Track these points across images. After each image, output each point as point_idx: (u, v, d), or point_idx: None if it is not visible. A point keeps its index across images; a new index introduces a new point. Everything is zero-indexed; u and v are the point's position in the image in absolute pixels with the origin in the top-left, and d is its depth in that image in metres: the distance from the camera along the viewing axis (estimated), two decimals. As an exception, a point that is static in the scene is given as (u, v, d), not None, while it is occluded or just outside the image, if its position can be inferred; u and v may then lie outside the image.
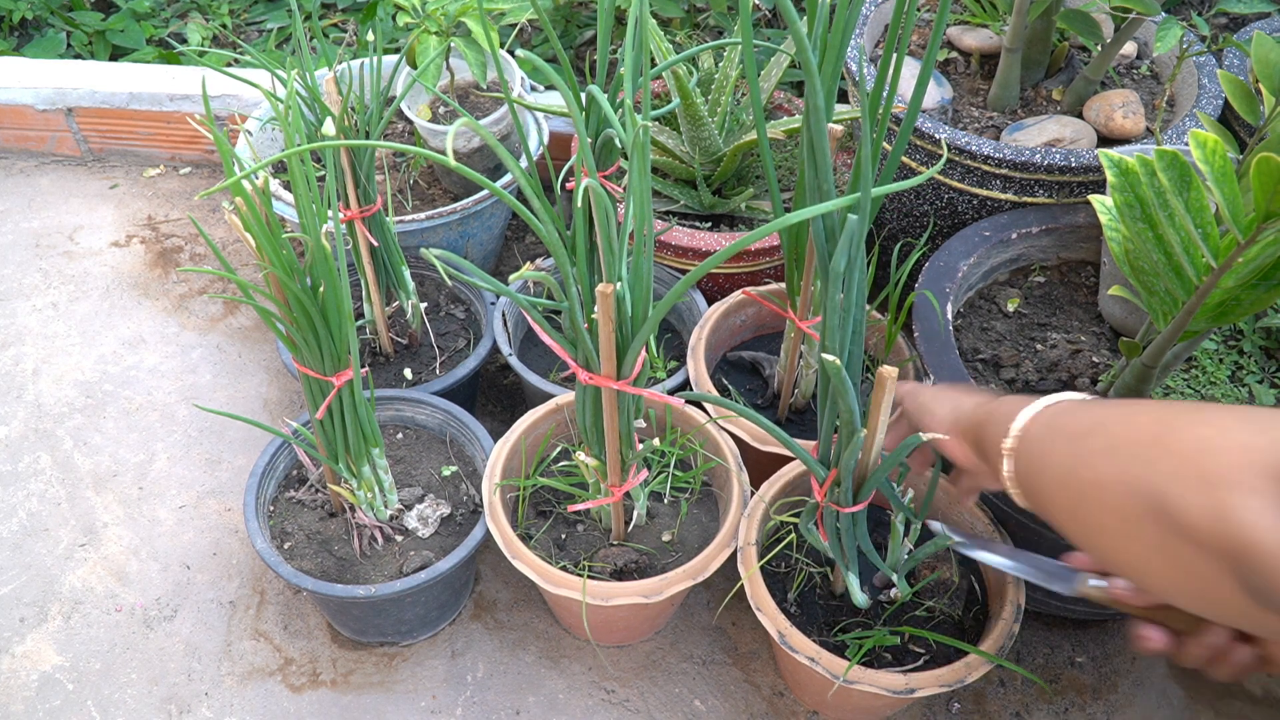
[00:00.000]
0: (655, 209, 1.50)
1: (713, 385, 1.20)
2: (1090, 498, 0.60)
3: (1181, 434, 0.54)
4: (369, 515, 1.13)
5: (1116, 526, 0.58)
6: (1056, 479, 0.64)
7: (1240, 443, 0.51)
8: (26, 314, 1.66)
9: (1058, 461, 0.65)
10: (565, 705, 1.17)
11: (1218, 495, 0.50)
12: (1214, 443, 0.52)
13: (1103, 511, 0.59)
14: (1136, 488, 0.55)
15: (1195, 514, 0.51)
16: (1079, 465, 0.61)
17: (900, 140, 0.91)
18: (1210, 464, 0.51)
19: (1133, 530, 0.56)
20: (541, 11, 0.97)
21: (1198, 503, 0.51)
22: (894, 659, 1.01)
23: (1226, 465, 0.50)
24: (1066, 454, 0.63)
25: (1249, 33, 1.44)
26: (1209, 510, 0.50)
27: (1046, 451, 0.67)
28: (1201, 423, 0.54)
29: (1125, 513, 0.56)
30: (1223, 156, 0.76)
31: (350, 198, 1.17)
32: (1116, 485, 0.57)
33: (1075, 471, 0.62)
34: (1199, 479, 0.51)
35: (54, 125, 1.94)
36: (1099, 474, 0.59)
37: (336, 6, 2.20)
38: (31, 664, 1.21)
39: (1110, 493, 0.58)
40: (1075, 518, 0.62)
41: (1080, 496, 0.61)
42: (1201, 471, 0.51)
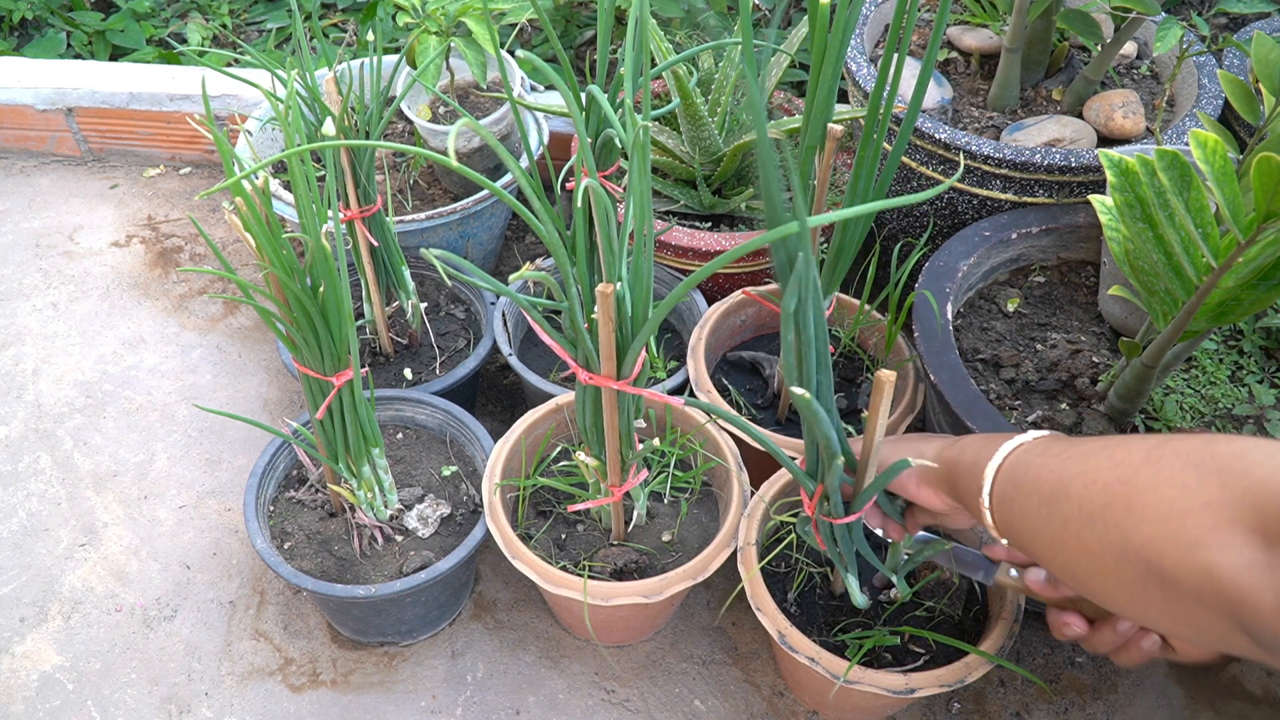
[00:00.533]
0: (655, 209, 1.50)
1: (712, 385, 1.20)
2: (1085, 565, 0.60)
3: (1147, 497, 0.55)
4: (369, 515, 1.13)
5: (1120, 591, 0.58)
6: (1044, 542, 0.65)
7: (1205, 502, 0.52)
8: (26, 314, 1.66)
9: (1039, 525, 0.65)
10: (565, 705, 1.17)
11: (1202, 558, 0.51)
12: (1181, 505, 0.53)
13: (1102, 578, 0.59)
14: (1124, 556, 0.56)
15: (1189, 577, 0.52)
16: (1060, 532, 0.62)
17: (900, 140, 0.91)
18: (1186, 530, 0.52)
19: (1136, 593, 0.57)
20: (541, 11, 0.97)
21: (1188, 567, 0.52)
22: (894, 659, 1.01)
23: (1200, 529, 0.51)
24: (1044, 519, 0.64)
25: (1249, 33, 1.44)
26: (1201, 572, 0.51)
27: (1024, 513, 0.67)
28: (1162, 482, 0.54)
29: (1123, 579, 0.57)
30: (1223, 156, 0.76)
31: (350, 198, 1.17)
32: (1105, 554, 0.58)
33: (1060, 537, 0.62)
34: (1180, 545, 0.52)
35: (54, 125, 1.94)
36: (1084, 543, 0.59)
37: (336, 6, 2.20)
38: (31, 664, 1.21)
39: (1103, 561, 0.58)
40: (1076, 578, 0.62)
41: (1075, 562, 0.61)
42: (1179, 538, 0.52)
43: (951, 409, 1.01)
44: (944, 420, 1.11)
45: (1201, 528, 0.51)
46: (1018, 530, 0.68)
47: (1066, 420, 1.07)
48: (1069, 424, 1.07)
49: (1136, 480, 0.56)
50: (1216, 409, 1.09)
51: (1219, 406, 1.10)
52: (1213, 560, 0.50)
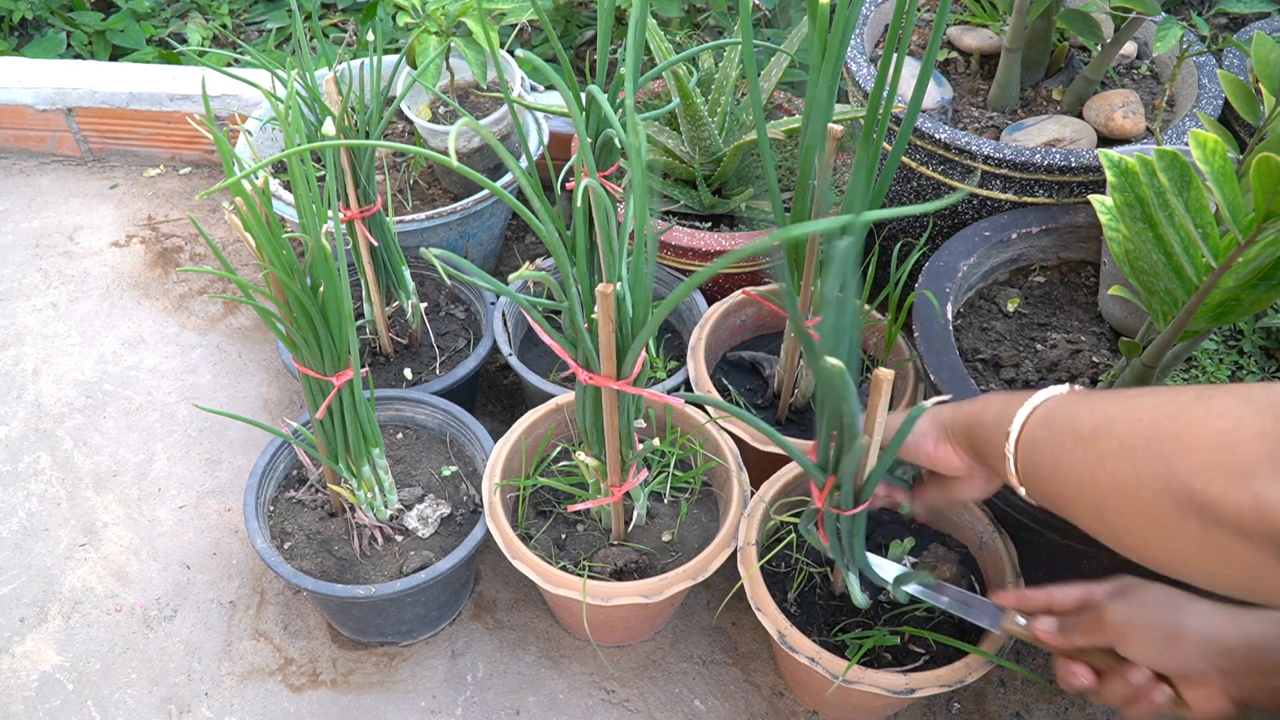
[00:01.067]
0: (655, 209, 1.50)
1: (712, 385, 1.20)
2: (1115, 502, 0.59)
3: (1198, 430, 0.54)
4: (369, 515, 1.13)
5: (1149, 527, 0.57)
6: (1073, 483, 0.64)
7: (1259, 432, 0.51)
8: (26, 314, 1.66)
9: (1070, 465, 0.64)
10: (565, 705, 1.17)
11: (1254, 486, 0.50)
12: (1234, 436, 0.52)
13: (1132, 514, 0.58)
14: (1165, 488, 0.55)
15: (1235, 507, 0.51)
16: (1095, 469, 0.61)
17: (900, 140, 0.91)
18: (1237, 458, 0.51)
19: (1169, 529, 0.56)
20: (541, 11, 0.97)
21: (1235, 496, 0.51)
22: (894, 659, 1.01)
23: (1254, 457, 0.50)
24: (1078, 458, 0.63)
25: (1249, 33, 1.44)
26: (1249, 501, 0.50)
27: (1055, 455, 0.66)
28: (1214, 415, 0.54)
29: (1157, 513, 0.56)
30: (1223, 156, 0.76)
31: (350, 198, 1.17)
32: (1143, 488, 0.57)
33: (1093, 476, 0.61)
34: (1231, 473, 0.51)
35: (54, 125, 1.94)
36: (1120, 478, 0.58)
37: (336, 6, 2.20)
38: (31, 664, 1.21)
39: (1137, 496, 0.57)
40: (1101, 519, 0.62)
41: (1103, 500, 0.60)
42: (1231, 466, 0.51)
43: (951, 409, 1.01)
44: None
45: (1254, 457, 0.50)
46: (1045, 474, 0.67)
47: (1066, 420, 1.07)
48: (1069, 424, 1.07)
49: (1187, 415, 0.55)
50: (1216, 409, 1.09)
51: (1219, 406, 1.09)
52: (1263, 489, 0.50)
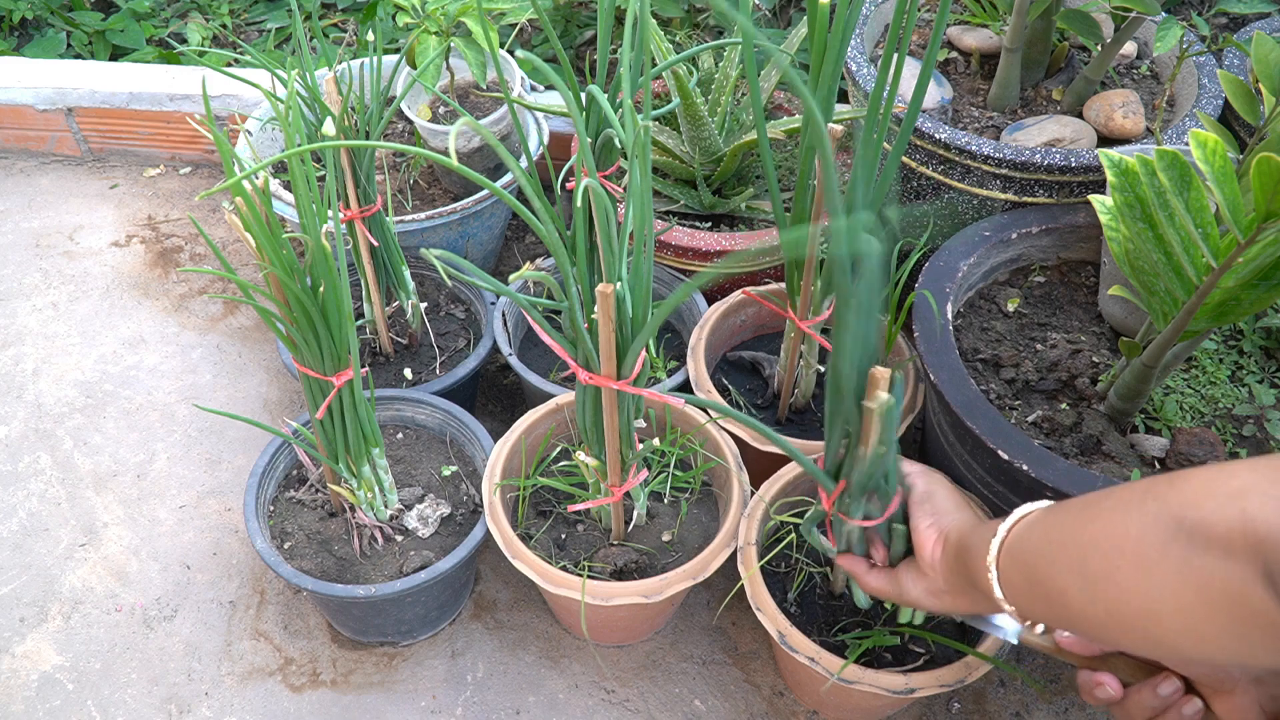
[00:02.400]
0: (655, 209, 1.50)
1: (712, 385, 1.20)
2: (1100, 552, 0.59)
3: (1191, 474, 0.56)
4: (369, 515, 1.13)
5: (1131, 568, 0.57)
6: (1058, 548, 0.63)
7: (1253, 466, 0.53)
8: (26, 314, 1.66)
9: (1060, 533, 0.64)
10: (565, 705, 1.17)
11: (1242, 503, 0.51)
12: (1229, 471, 0.53)
13: (1116, 559, 0.58)
14: (1154, 524, 0.55)
15: (1221, 523, 0.52)
16: (1086, 525, 0.61)
17: (900, 140, 0.91)
18: (1230, 485, 0.53)
19: (1152, 563, 0.56)
20: (541, 11, 0.97)
21: (1223, 513, 0.52)
22: (894, 659, 1.01)
23: (1245, 483, 0.52)
24: (1071, 522, 0.63)
25: (1249, 33, 1.44)
26: (1236, 515, 0.51)
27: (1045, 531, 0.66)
28: (1207, 467, 0.56)
29: (1142, 553, 0.56)
30: (1223, 156, 0.76)
31: (350, 198, 1.17)
32: (1131, 529, 0.57)
33: (1082, 532, 0.61)
34: (1222, 496, 0.53)
35: (54, 125, 1.94)
36: (1111, 526, 0.59)
37: (336, 6, 2.20)
38: (31, 664, 1.21)
39: (1124, 538, 0.57)
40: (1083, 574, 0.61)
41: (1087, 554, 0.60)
42: (1222, 491, 0.53)
43: (951, 409, 1.01)
44: (944, 420, 1.11)
45: (1246, 481, 0.52)
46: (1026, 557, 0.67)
47: (1066, 420, 1.07)
48: (1069, 424, 1.07)
49: (1176, 475, 0.57)
50: (1216, 409, 1.09)
51: (1219, 406, 1.10)
52: (1250, 505, 0.50)
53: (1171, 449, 1.04)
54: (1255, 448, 1.05)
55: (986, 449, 0.97)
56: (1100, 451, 1.05)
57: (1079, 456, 1.04)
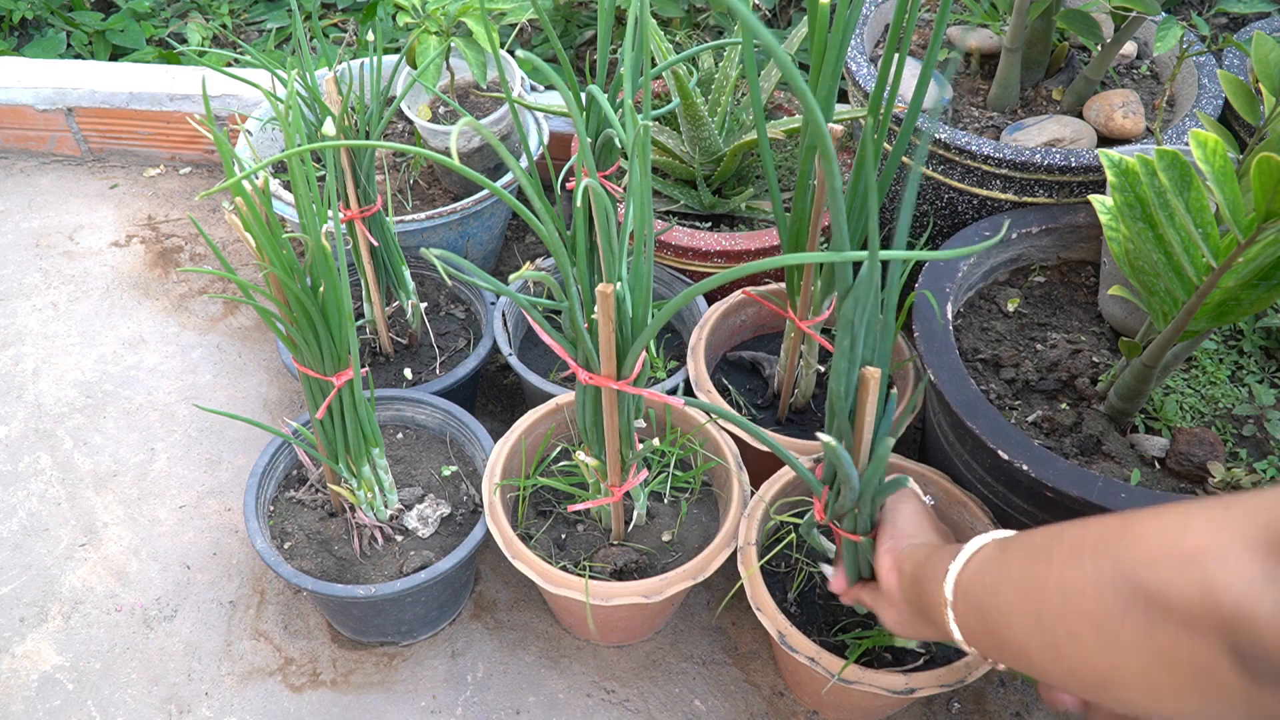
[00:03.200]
0: (655, 208, 1.50)
1: (712, 385, 1.20)
2: (1058, 605, 0.57)
3: (1144, 525, 0.53)
4: (369, 515, 1.13)
5: (1091, 632, 0.55)
6: (1014, 596, 0.61)
7: (1206, 518, 0.50)
8: (26, 314, 1.66)
9: (1015, 578, 0.62)
10: (565, 705, 1.17)
11: (1201, 570, 0.48)
12: (1181, 525, 0.51)
13: (1074, 617, 0.56)
14: (1111, 583, 0.53)
15: (1181, 593, 0.49)
16: (1042, 576, 0.59)
17: (900, 140, 0.91)
18: (1184, 545, 0.50)
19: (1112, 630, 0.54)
20: (541, 11, 0.97)
21: (1181, 581, 0.49)
22: (894, 659, 1.01)
23: (1202, 542, 0.49)
24: (1024, 568, 0.61)
25: (1249, 33, 1.44)
26: (1195, 585, 0.49)
27: (1003, 569, 0.64)
28: (1160, 514, 0.53)
29: (1101, 613, 0.54)
30: (1223, 156, 0.76)
31: (350, 198, 1.17)
32: (1088, 586, 0.55)
33: (1037, 582, 0.59)
34: (1177, 559, 0.50)
35: (54, 125, 1.94)
36: (1065, 580, 0.56)
37: (336, 6, 2.20)
38: (31, 664, 1.21)
39: (1081, 596, 0.55)
40: (1041, 630, 0.59)
41: (1045, 607, 0.58)
42: (1177, 552, 0.50)
43: (951, 409, 1.01)
44: (944, 420, 1.11)
45: (1201, 541, 0.49)
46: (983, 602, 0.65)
47: (1066, 420, 1.07)
48: (1069, 424, 1.07)
49: (1136, 519, 0.54)
50: (1216, 409, 1.09)
51: (1219, 406, 1.10)
52: (1210, 573, 0.48)
53: (1171, 449, 1.04)
54: (1255, 448, 1.06)
55: (986, 449, 0.98)
56: (1100, 451, 1.05)
57: (1079, 456, 1.04)
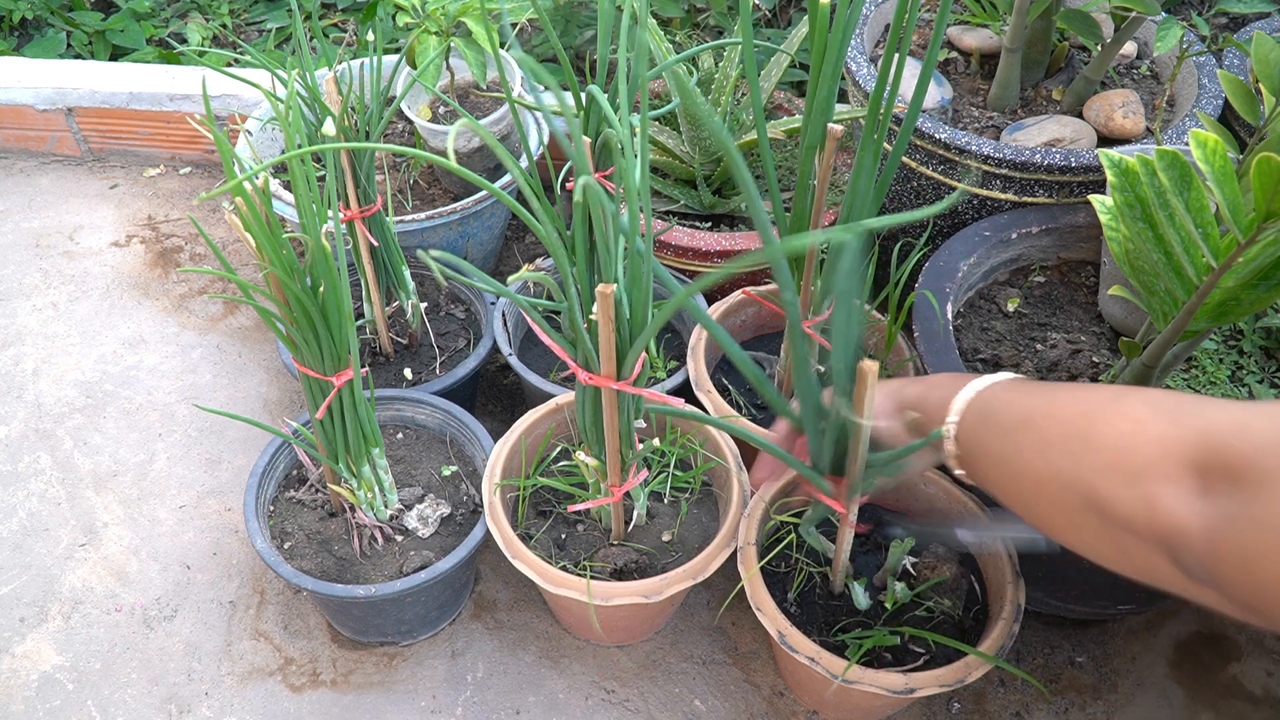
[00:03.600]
0: (655, 209, 1.50)
1: (713, 385, 1.20)
2: (1032, 491, 0.63)
3: (1103, 430, 0.58)
4: (369, 515, 1.13)
5: (1060, 517, 0.61)
6: (998, 472, 0.68)
7: (1156, 435, 0.55)
8: (26, 314, 1.66)
9: (996, 455, 0.68)
10: (565, 705, 1.17)
11: (1143, 489, 0.54)
12: (1133, 438, 0.56)
13: (1046, 504, 0.62)
14: (1070, 484, 0.59)
15: (1125, 508, 0.55)
16: (1015, 461, 0.65)
17: (900, 140, 0.91)
18: (1132, 460, 0.55)
19: (1075, 520, 0.60)
20: (541, 11, 0.97)
21: (1126, 496, 0.55)
22: (894, 659, 1.01)
23: (1146, 459, 0.54)
24: (1002, 449, 0.67)
25: (1249, 33, 1.44)
26: (1137, 503, 0.54)
27: (984, 445, 0.70)
28: (1120, 416, 0.58)
29: (1065, 506, 0.60)
30: (1223, 156, 0.76)
31: (350, 198, 1.17)
32: (1052, 482, 0.61)
33: (1013, 467, 0.66)
34: (1124, 474, 0.55)
35: (54, 125, 1.94)
36: (1035, 471, 0.63)
37: (336, 6, 2.20)
38: (31, 664, 1.21)
39: (1048, 488, 0.61)
40: (1024, 507, 0.66)
41: (1022, 490, 0.65)
42: (1125, 467, 0.55)
43: (951, 409, 1.01)
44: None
45: (1147, 459, 0.54)
46: (976, 460, 0.71)
47: (1066, 420, 1.07)
48: (1069, 424, 1.07)
49: (1096, 415, 0.59)
50: (1216, 409, 1.09)
51: (1219, 406, 1.09)
52: (1151, 492, 0.53)
53: (1171, 449, 1.04)
54: (1255, 448, 1.05)
55: (986, 449, 0.97)
56: (1100, 451, 1.04)
57: (1079, 456, 1.04)
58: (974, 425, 0.72)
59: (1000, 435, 0.68)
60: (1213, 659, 1.21)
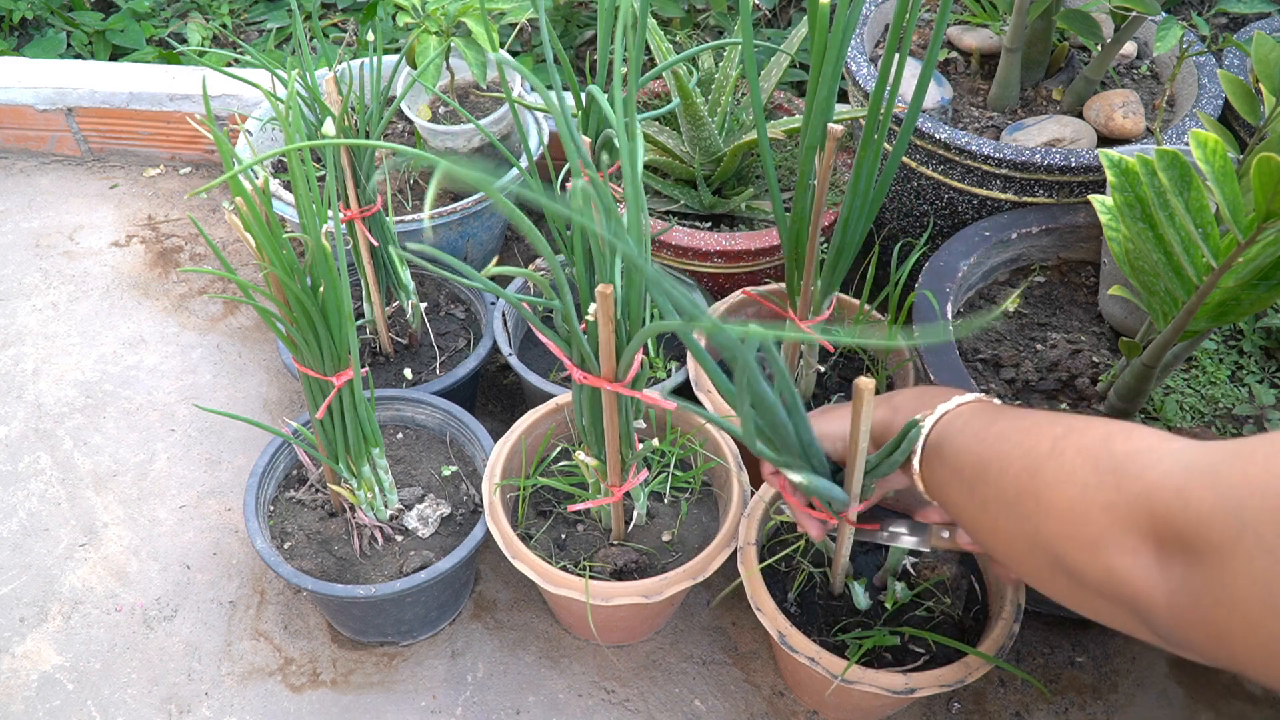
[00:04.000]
0: (655, 209, 1.50)
1: (713, 385, 1.20)
2: (1004, 548, 0.63)
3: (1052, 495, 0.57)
4: (369, 515, 1.13)
5: (1034, 574, 0.61)
6: (969, 520, 0.68)
7: (1103, 504, 0.53)
8: (26, 314, 1.66)
9: (963, 504, 0.67)
10: (565, 705, 1.17)
11: (1102, 560, 0.53)
12: (1082, 505, 0.55)
13: (1019, 560, 0.62)
14: (1035, 546, 0.59)
15: (1091, 577, 0.54)
16: (981, 515, 0.65)
17: (900, 140, 0.91)
18: (1086, 531, 0.54)
19: (1048, 577, 0.59)
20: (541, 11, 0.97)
21: (1089, 566, 0.54)
22: (894, 659, 1.01)
23: (1100, 529, 0.53)
24: (967, 498, 0.66)
25: (1249, 32, 1.44)
26: (1101, 573, 0.53)
27: (949, 490, 0.69)
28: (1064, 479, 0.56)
29: (1036, 565, 0.60)
30: (1223, 156, 0.76)
31: (350, 198, 1.17)
32: (1019, 541, 0.60)
33: (980, 520, 0.65)
34: (1084, 545, 0.54)
35: (54, 125, 1.94)
36: (1001, 528, 0.62)
37: (336, 6, 2.20)
38: (31, 664, 1.21)
39: (1017, 545, 0.61)
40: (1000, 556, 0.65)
41: (995, 543, 0.64)
42: (1081, 538, 0.55)
43: (951, 409, 1.01)
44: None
45: (1100, 528, 0.53)
46: (946, 502, 0.71)
47: (1066, 420, 1.07)
48: (1069, 424, 1.07)
49: (1043, 473, 0.58)
50: (1216, 409, 1.09)
51: (1219, 406, 1.10)
52: (1112, 562, 0.52)
53: (1171, 449, 1.04)
54: (1255, 448, 1.05)
55: (986, 449, 0.97)
56: (1100, 451, 1.04)
57: (1079, 456, 1.04)
58: (936, 467, 0.71)
59: (961, 485, 0.67)
60: (1213, 659, 1.21)
